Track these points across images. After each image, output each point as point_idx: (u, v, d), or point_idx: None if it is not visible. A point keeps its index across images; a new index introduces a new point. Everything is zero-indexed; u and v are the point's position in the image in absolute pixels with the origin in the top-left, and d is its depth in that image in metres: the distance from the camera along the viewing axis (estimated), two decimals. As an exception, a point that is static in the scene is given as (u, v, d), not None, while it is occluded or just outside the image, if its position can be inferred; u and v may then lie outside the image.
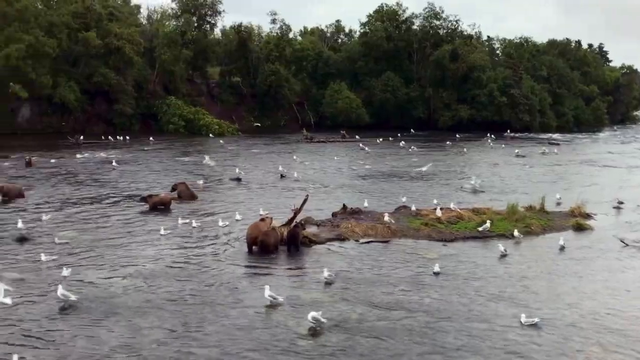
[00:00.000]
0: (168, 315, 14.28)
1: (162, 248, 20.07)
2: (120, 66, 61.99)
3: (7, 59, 52.95)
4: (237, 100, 75.12)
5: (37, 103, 58.55)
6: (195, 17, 74.50)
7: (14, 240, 20.42)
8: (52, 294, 15.02)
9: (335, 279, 16.77)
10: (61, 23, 59.16)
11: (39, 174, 35.00)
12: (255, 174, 36.96)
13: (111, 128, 59.69)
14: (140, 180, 33.67)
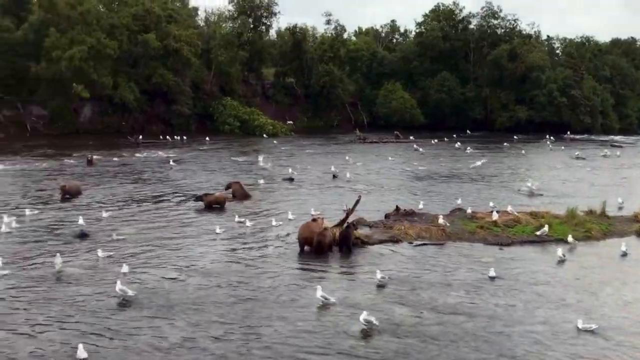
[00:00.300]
0: (224, 312, 14.44)
1: (217, 246, 20.34)
2: (178, 67, 63.24)
3: (70, 60, 54.77)
4: (291, 100, 75.59)
5: (99, 103, 60.30)
6: (251, 19, 75.35)
7: (75, 237, 21.07)
8: (110, 289, 15.41)
9: (388, 281, 16.60)
10: (122, 25, 60.79)
11: (99, 172, 36.05)
12: (308, 174, 37.04)
13: (169, 128, 60.94)
14: (196, 180, 34.23)
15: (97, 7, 62.58)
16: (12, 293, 15.52)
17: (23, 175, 34.36)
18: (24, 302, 14.86)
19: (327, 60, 75.15)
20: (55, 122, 57.52)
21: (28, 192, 29.43)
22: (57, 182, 30.89)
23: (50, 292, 15.63)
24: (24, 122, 56.45)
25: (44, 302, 14.86)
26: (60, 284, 16.31)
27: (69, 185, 28.17)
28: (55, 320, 13.80)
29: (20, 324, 13.55)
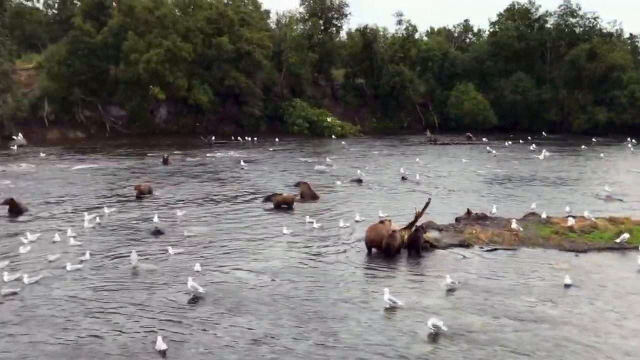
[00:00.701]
0: (293, 312, 14.55)
1: (285, 246, 20.51)
2: (250, 69, 64.32)
3: (147, 63, 56.68)
4: (361, 101, 75.47)
5: (174, 104, 62.13)
6: (322, 21, 75.74)
7: (150, 234, 21.76)
8: (182, 286, 15.81)
9: (457, 286, 16.26)
10: (196, 29, 62.40)
11: (174, 171, 37.11)
12: (377, 176, 36.83)
13: (240, 129, 62.06)
14: (265, 180, 34.67)
15: (173, 11, 64.48)
16: (93, 287, 16.21)
17: (102, 174, 35.83)
18: (103, 296, 15.47)
19: (398, 60, 74.61)
20: (133, 122, 59.71)
21: (107, 190, 30.66)
22: (134, 181, 32.11)
23: (126, 287, 16.21)
24: (103, 123, 58.88)
25: (120, 297, 15.42)
26: (135, 279, 16.89)
27: (142, 186, 29.15)
28: (132, 314, 14.29)
29: (101, 317, 14.10)
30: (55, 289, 16.00)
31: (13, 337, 13.04)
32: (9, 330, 13.41)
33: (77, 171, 36.72)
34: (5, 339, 12.98)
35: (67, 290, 15.92)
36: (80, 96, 57.07)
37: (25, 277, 16.21)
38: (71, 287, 16.17)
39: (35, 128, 54.71)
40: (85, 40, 57.79)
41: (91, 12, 62.96)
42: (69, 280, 16.66)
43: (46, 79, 56.84)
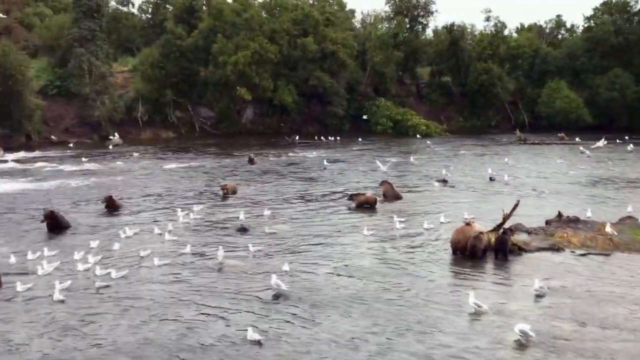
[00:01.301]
0: (377, 312, 14.43)
1: (367, 246, 20.40)
2: (334, 69, 64.60)
3: (235, 64, 58.11)
4: (447, 100, 74.12)
5: (259, 105, 63.40)
6: (408, 19, 75.00)
7: (236, 231, 22.25)
8: (265, 282, 16.04)
9: (546, 291, 15.59)
10: (282, 30, 63.36)
11: (259, 171, 37.85)
12: (463, 176, 36.00)
13: (324, 128, 62.47)
14: (348, 179, 34.69)
15: (260, 13, 65.76)
16: (183, 280, 16.77)
17: (192, 173, 37.07)
18: (192, 290, 15.96)
19: (486, 58, 72.73)
20: (221, 122, 61.42)
21: (196, 188, 31.66)
22: (221, 180, 33.01)
23: (213, 282, 16.67)
24: (193, 123, 60.90)
25: (207, 292, 15.85)
26: (221, 274, 17.33)
27: (229, 185, 29.78)
28: (219, 308, 14.64)
29: (190, 311, 14.54)
30: (145, 282, 16.64)
31: (114, 327, 13.65)
32: (108, 321, 14.03)
33: (168, 170, 38.16)
34: (104, 328, 13.60)
35: (157, 284, 16.52)
36: (171, 98, 59.28)
37: (113, 271, 16.94)
38: (160, 280, 16.77)
39: (130, 128, 57.35)
40: (176, 44, 59.95)
41: (182, 16, 65.23)
42: (158, 275, 17.28)
43: (140, 82, 59.41)
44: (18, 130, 49.88)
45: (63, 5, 68.90)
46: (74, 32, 55.42)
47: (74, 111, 55.36)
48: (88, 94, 54.38)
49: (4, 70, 47.69)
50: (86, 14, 56.20)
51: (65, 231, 22.27)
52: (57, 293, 15.20)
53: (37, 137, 51.70)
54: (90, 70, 55.00)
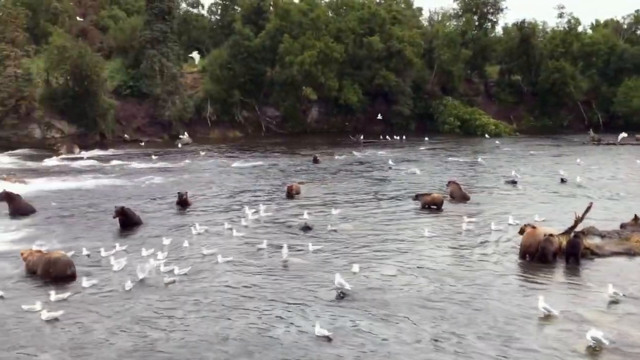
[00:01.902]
0: (441, 315, 14.19)
1: (433, 247, 20.09)
2: (401, 68, 64.05)
3: (301, 64, 58.51)
4: (516, 99, 72.14)
5: (325, 104, 63.59)
6: (477, 16, 73.51)
7: (300, 229, 22.37)
8: (328, 281, 16.03)
9: (621, 297, 14.89)
10: (348, 29, 63.32)
11: (324, 170, 37.93)
12: (533, 177, 34.92)
13: (389, 128, 62.01)
14: (414, 179, 34.27)
15: (326, 12, 65.92)
16: (248, 276, 17.00)
17: (258, 172, 37.54)
18: (257, 287, 16.16)
19: (558, 55, 70.31)
20: (286, 122, 61.97)
21: (261, 187, 32.04)
22: (286, 179, 33.31)
23: (278, 279, 16.80)
24: (259, 123, 61.71)
25: (272, 289, 15.98)
26: (285, 272, 17.46)
27: (293, 185, 29.66)
28: (283, 306, 14.74)
29: (257, 307, 14.71)
30: (212, 278, 16.94)
31: (185, 321, 13.97)
32: (180, 316, 14.36)
33: (235, 168, 38.80)
34: (178, 322, 13.93)
35: (223, 280, 16.79)
36: (239, 98, 60.26)
37: (176, 268, 17.31)
38: (226, 277, 17.03)
39: (199, 127, 58.64)
40: (244, 44, 60.88)
41: (250, 17, 66.18)
42: (225, 271, 17.56)
43: (209, 82, 60.67)
44: (93, 129, 51.84)
45: (136, 7, 71.17)
46: (146, 34, 57.13)
47: (146, 111, 57.09)
48: (159, 94, 55.93)
49: (80, 71, 49.66)
50: (158, 16, 57.83)
51: (136, 227, 22.95)
52: (129, 283, 15.83)
53: (110, 136, 53.59)
54: (162, 71, 56.56)
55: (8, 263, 18.34)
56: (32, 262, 17.49)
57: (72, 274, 17.03)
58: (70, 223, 23.90)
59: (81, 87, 50.07)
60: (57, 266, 17.02)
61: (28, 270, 17.49)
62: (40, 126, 49.45)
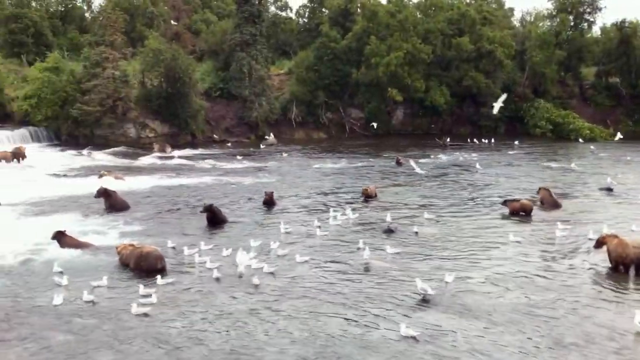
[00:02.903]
0: (526, 324, 13.73)
1: (521, 255, 19.42)
2: (490, 69, 62.39)
3: (387, 66, 58.14)
4: (614, 102, 68.44)
5: (410, 106, 62.85)
6: (572, 16, 70.47)
7: (382, 232, 22.21)
8: (410, 285, 15.81)
9: None
10: (436, 30, 62.34)
11: (407, 173, 37.47)
12: (630, 185, 33.02)
13: (476, 130, 60.53)
14: (502, 184, 33.29)
15: (415, 13, 65.20)
16: (331, 277, 17.11)
17: (341, 173, 37.63)
18: (340, 288, 16.16)
19: (663, 56, 66.23)
20: (370, 123, 61.75)
21: (344, 188, 32.08)
22: (367, 181, 33.18)
23: (359, 282, 16.78)
24: (343, 124, 61.83)
25: (355, 291, 15.95)
26: (367, 275, 17.38)
27: (370, 189, 29.15)
28: (363, 308, 14.68)
29: (341, 308, 14.75)
30: (296, 278, 17.12)
31: (274, 321, 14.22)
32: (269, 314, 14.60)
33: (318, 169, 39.06)
34: (268, 322, 14.18)
35: (305, 280, 16.93)
36: (324, 99, 60.63)
37: (265, 266, 17.58)
38: (309, 277, 17.16)
39: (284, 128, 59.48)
40: (330, 46, 61.21)
41: (337, 19, 66.44)
42: (308, 270, 17.69)
43: (295, 84, 61.41)
44: (184, 129, 53.64)
45: (227, 11, 73.05)
46: (236, 37, 58.51)
47: (234, 112, 58.48)
48: (247, 95, 57.18)
49: (173, 73, 51.50)
50: (248, 19, 59.11)
51: (223, 225, 23.53)
52: (217, 280, 16.13)
53: (200, 136, 55.28)
54: (250, 73, 57.79)
55: (104, 256, 19.28)
56: (125, 255, 18.32)
57: (162, 267, 17.71)
58: (162, 219, 24.84)
59: (174, 88, 51.94)
60: (149, 260, 17.75)
61: (122, 263, 18.33)
62: (135, 126, 51.67)
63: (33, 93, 48.77)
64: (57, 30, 65.89)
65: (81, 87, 49.07)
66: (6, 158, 37.61)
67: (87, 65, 49.92)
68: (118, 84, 49.68)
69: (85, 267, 18.17)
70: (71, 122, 49.25)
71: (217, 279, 16.80)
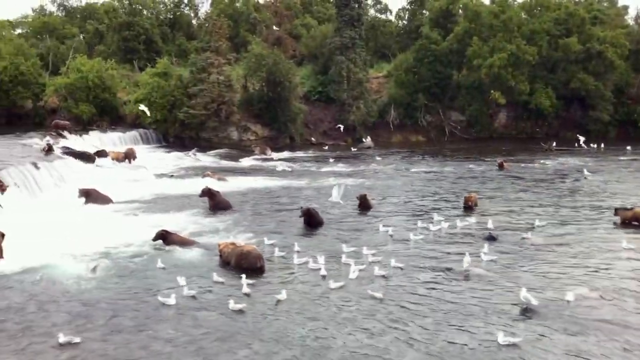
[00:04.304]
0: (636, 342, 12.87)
1: (633, 268, 18.22)
2: (600, 71, 59.16)
3: (490, 67, 56.55)
4: None
5: (513, 109, 60.79)
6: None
7: (483, 239, 21.57)
8: (512, 295, 15.26)
9: None
10: (542, 30, 59.94)
11: (508, 177, 36.25)
12: None
13: (585, 134, 57.50)
14: (611, 192, 31.45)
15: (519, 13, 63.07)
16: (430, 284, 16.86)
17: (439, 177, 37.02)
18: (437, 294, 15.97)
19: None
20: (471, 126, 60.33)
21: (441, 193, 31.50)
22: (468, 186, 32.41)
23: (459, 289, 16.40)
24: (443, 127, 60.75)
25: (455, 299, 15.64)
26: (467, 283, 16.99)
27: (472, 197, 27.87)
28: (462, 317, 14.33)
29: (437, 317, 14.54)
30: (394, 283, 16.97)
31: (382, 327, 14.19)
32: (372, 321, 14.59)
33: (414, 173, 38.59)
34: (357, 325, 14.17)
35: (403, 286, 16.76)
36: (423, 102, 59.87)
37: (376, 269, 17.61)
38: (405, 284, 16.98)
39: (382, 131, 59.22)
40: (431, 48, 60.35)
41: (438, 20, 65.41)
42: (403, 276, 17.50)
43: (394, 86, 61.06)
44: (283, 132, 54.72)
45: (327, 16, 73.83)
46: (336, 40, 58.95)
47: (332, 115, 58.92)
48: (345, 99, 57.48)
49: (274, 77, 52.70)
50: (347, 23, 59.40)
51: (319, 227, 23.74)
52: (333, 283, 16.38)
53: (298, 139, 56.16)
54: (349, 77, 58.05)
55: (206, 253, 19.98)
56: (226, 253, 18.89)
57: (262, 267, 18.13)
58: (262, 219, 25.44)
59: (275, 92, 53.10)
60: (249, 259, 18.22)
61: (223, 261, 18.91)
62: (237, 129, 53.28)
63: (143, 97, 51.43)
64: (166, 37, 69.21)
65: (188, 92, 51.26)
66: (119, 158, 39.86)
67: (194, 71, 52.03)
68: (222, 89, 51.39)
69: (188, 264, 18.88)
70: (178, 125, 51.55)
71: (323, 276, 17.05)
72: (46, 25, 69.02)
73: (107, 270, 18.04)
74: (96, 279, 17.23)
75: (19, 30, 71.07)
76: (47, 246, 19.86)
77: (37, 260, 18.62)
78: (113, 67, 55.36)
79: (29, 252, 19.21)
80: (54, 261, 18.74)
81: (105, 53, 62.97)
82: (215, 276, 17.16)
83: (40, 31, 68.65)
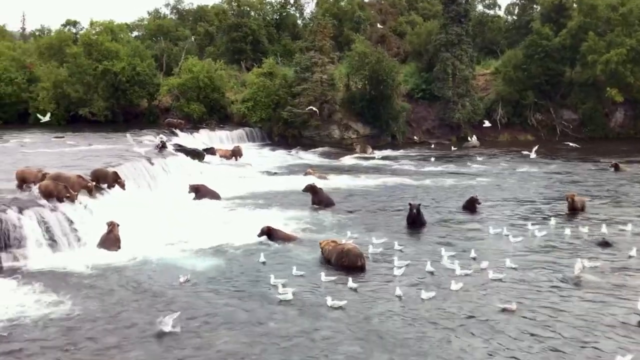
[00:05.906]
0: None
1: None
2: None
3: (606, 64, 53.40)
4: None
5: (632, 107, 57.14)
6: None
7: (597, 245, 20.56)
8: (629, 304, 14.38)
9: None
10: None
11: (625, 179, 34.10)
12: None
13: None
14: None
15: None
16: (531, 291, 16.20)
17: (548, 178, 35.51)
18: (546, 306, 15.31)
19: None
20: (584, 126, 57.34)
21: (549, 195, 30.16)
22: (578, 189, 30.84)
23: (568, 296, 15.67)
24: (554, 126, 58.10)
25: (562, 307, 14.94)
26: (577, 290, 16.18)
27: (577, 201, 26.20)
28: (576, 329, 13.66)
29: (544, 329, 13.94)
30: (499, 290, 16.45)
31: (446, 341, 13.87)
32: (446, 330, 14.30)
33: (521, 173, 37.17)
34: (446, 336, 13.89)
35: (499, 294, 16.22)
36: (533, 100, 57.56)
37: (490, 271, 17.32)
38: (512, 291, 16.41)
39: (489, 130, 57.29)
40: (542, 44, 57.81)
41: (550, 15, 62.62)
42: (499, 285, 16.92)
43: (501, 84, 59.08)
44: (385, 130, 54.36)
45: (432, 12, 72.57)
46: (441, 37, 57.77)
47: (435, 113, 57.87)
48: (450, 96, 56.28)
49: (377, 76, 52.46)
50: (454, 19, 58.06)
51: (422, 227, 23.41)
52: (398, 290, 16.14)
53: (400, 137, 55.61)
54: (454, 74, 56.77)
55: (307, 249, 20.25)
56: (327, 251, 19.05)
57: (362, 265, 18.16)
58: (363, 217, 25.45)
59: (377, 90, 52.89)
60: (349, 257, 18.29)
61: (324, 258, 19.08)
62: (339, 127, 53.57)
63: (250, 97, 52.91)
64: (272, 38, 70.76)
65: (292, 91, 52.17)
66: (226, 156, 41.27)
67: (298, 70, 52.87)
68: (325, 88, 51.89)
69: (289, 260, 19.18)
70: (282, 124, 52.59)
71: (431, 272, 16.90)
72: (160, 27, 72.50)
73: (216, 264, 18.72)
74: (204, 274, 17.86)
75: (135, 32, 75.07)
76: (161, 239, 20.96)
77: (152, 252, 19.67)
78: (222, 68, 57.35)
79: (145, 244, 20.34)
80: (168, 254, 19.72)
81: (215, 54, 65.29)
82: (323, 276, 17.31)
83: (155, 33, 72.21)
